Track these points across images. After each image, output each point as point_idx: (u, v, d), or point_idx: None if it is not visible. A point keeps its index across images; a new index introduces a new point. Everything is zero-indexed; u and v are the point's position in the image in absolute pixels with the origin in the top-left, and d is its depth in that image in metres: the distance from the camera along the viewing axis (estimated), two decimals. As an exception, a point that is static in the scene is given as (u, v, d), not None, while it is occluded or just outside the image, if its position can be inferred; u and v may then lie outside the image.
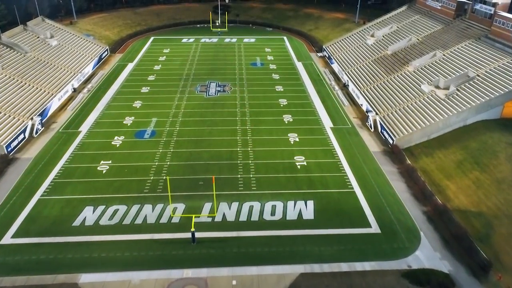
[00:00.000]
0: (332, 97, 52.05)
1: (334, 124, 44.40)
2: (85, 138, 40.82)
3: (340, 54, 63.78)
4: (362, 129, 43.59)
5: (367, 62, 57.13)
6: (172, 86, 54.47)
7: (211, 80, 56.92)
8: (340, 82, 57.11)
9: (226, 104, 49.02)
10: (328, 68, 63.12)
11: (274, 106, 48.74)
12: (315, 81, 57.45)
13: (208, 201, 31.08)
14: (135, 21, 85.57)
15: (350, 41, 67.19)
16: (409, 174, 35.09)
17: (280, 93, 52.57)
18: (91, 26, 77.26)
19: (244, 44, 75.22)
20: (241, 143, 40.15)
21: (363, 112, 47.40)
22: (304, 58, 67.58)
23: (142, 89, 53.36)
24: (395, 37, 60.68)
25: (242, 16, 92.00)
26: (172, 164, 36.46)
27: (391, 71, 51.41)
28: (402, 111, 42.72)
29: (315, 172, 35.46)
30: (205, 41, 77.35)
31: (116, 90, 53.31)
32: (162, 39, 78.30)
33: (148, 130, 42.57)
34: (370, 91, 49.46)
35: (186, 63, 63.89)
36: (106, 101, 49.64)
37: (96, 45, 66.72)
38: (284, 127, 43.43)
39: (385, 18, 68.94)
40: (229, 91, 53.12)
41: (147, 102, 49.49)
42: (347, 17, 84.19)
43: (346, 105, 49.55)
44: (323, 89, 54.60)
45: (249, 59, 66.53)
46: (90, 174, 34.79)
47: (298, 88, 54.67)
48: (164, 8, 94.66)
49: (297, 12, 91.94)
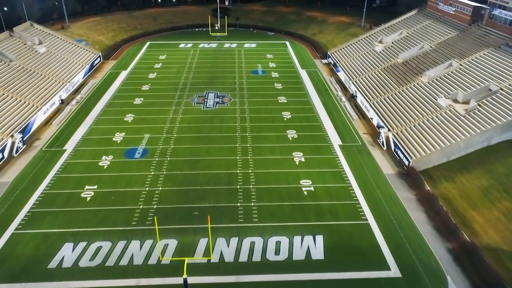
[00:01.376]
0: (339, 109, 48.36)
1: (343, 141, 40.72)
2: (70, 158, 37.16)
3: (346, 62, 60.08)
4: (374, 147, 39.90)
5: (376, 71, 53.43)
6: (167, 97, 50.82)
7: (209, 90, 53.27)
8: (347, 93, 53.41)
9: (225, 118, 45.35)
10: (334, 76, 59.42)
11: (277, 119, 45.07)
12: (321, 91, 53.76)
13: (204, 236, 27.41)
14: (130, 25, 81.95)
15: (356, 47, 63.50)
16: (429, 202, 31.39)
17: (283, 105, 48.90)
18: (84, 30, 73.62)
19: (244, 50, 71.55)
20: (241, 164, 36.49)
21: (374, 127, 43.71)
22: (308, 65, 63.90)
23: (135, 100, 49.69)
24: (405, 44, 56.97)
25: (242, 19, 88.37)
26: (164, 189, 32.77)
27: (403, 82, 47.71)
28: (418, 127, 39.02)
29: (324, 199, 31.78)
30: (204, 46, 73.68)
31: (107, 101, 49.66)
32: (159, 44, 74.63)
33: (140, 148, 38.91)
34: (381, 104, 45.76)
35: (183, 71, 60.24)
36: (95, 114, 45.98)
37: (88, 51, 63.08)
38: (288, 145, 39.76)
39: (394, 23, 65.23)
40: (229, 103, 49.45)
41: (139, 115, 45.83)
42: (352, 20, 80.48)
43: (354, 119, 45.85)
44: (329, 100, 50.92)
45: (249, 66, 62.87)
46: (73, 202, 31.11)
47: (303, 99, 50.99)
48: (161, 11, 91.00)
49: (300, 16, 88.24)
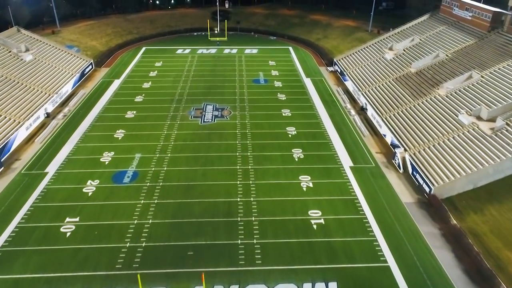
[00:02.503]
0: (349, 124, 44.51)
1: (354, 162, 36.87)
2: (52, 183, 33.33)
3: (354, 70, 56.23)
4: (389, 170, 36.05)
5: (387, 81, 49.58)
6: (162, 110, 47.00)
7: (207, 101, 49.43)
8: (356, 105, 49.53)
9: (225, 135, 41.53)
10: (341, 86, 55.55)
11: (281, 136, 41.25)
12: (327, 102, 49.91)
13: (199, 284, 23.58)
14: (126, 29, 78.14)
15: (364, 54, 59.65)
16: (456, 239, 27.56)
17: (287, 119, 45.06)
18: (76, 35, 69.81)
19: (245, 56, 67.71)
20: (242, 189, 32.66)
21: (387, 145, 39.87)
22: (313, 74, 60.05)
23: (127, 114, 45.86)
24: (418, 51, 53.09)
25: (243, 23, 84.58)
26: (155, 223, 28.93)
27: (418, 94, 43.85)
28: (438, 148, 35.16)
29: (336, 234, 27.94)
30: (202, 52, 69.84)
31: (97, 114, 45.82)
32: (155, 50, 70.82)
33: (130, 171, 35.09)
34: (394, 119, 41.91)
35: (180, 80, 56.42)
36: (83, 130, 42.16)
37: (78, 58, 59.26)
38: (294, 167, 35.93)
39: (404, 28, 61.36)
40: (228, 116, 45.62)
41: (131, 131, 42.01)
42: (359, 24, 76.63)
43: (365, 136, 41.99)
44: (337, 113, 47.07)
45: (251, 74, 59.05)
46: (50, 239, 27.28)
47: (308, 112, 47.14)
48: (158, 14, 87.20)
49: (303, 19, 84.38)
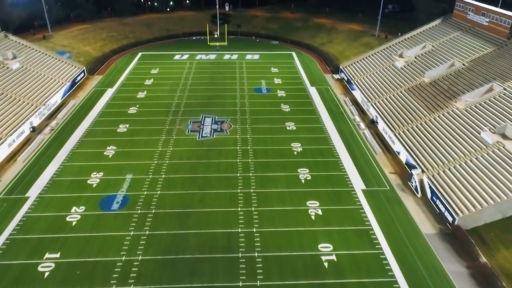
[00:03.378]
0: (358, 139, 41.19)
1: (367, 185, 33.54)
2: (32, 210, 30.04)
3: (362, 79, 52.93)
4: (405, 194, 32.72)
5: (399, 91, 46.26)
6: (157, 123, 43.70)
7: (206, 113, 46.12)
8: (366, 117, 46.19)
9: (224, 152, 38.24)
10: (348, 95, 52.21)
11: (286, 154, 37.96)
12: (334, 114, 46.59)
13: None
14: (121, 33, 74.85)
15: (373, 61, 56.35)
16: (487, 280, 24.20)
17: (292, 134, 41.76)
18: (68, 40, 66.53)
19: (246, 62, 64.41)
20: (244, 218, 29.36)
21: (401, 164, 36.56)
22: (318, 82, 56.73)
23: (119, 128, 42.58)
24: (431, 59, 49.76)
25: (244, 26, 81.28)
26: (145, 259, 25.61)
27: (434, 108, 40.53)
28: (459, 170, 31.84)
29: (350, 274, 24.62)
30: (201, 58, 66.55)
31: (87, 128, 42.54)
32: (151, 56, 67.54)
33: (119, 195, 31.78)
34: (408, 135, 38.60)
35: (177, 89, 53.12)
36: (70, 147, 38.87)
37: (70, 65, 55.97)
38: (301, 190, 32.63)
39: (414, 34, 58.07)
40: (228, 131, 42.32)
41: (123, 147, 38.73)
42: (365, 29, 73.35)
43: (378, 153, 38.66)
44: (346, 127, 43.75)
45: (252, 82, 55.75)
46: (26, 280, 23.96)
47: (315, 125, 43.83)
48: (155, 18, 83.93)
49: (307, 23, 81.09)
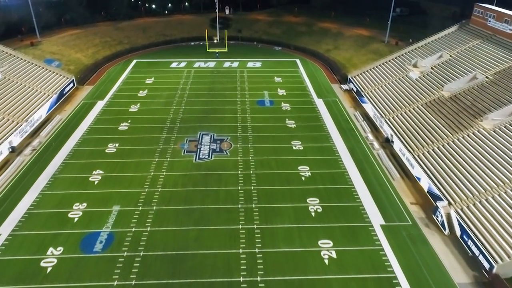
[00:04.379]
0: (373, 161, 37.14)
1: (386, 219, 29.48)
2: (2, 252, 25.91)
3: (373, 91, 48.89)
4: (430, 230, 28.65)
5: (416, 106, 42.21)
6: (150, 142, 39.67)
7: (204, 130, 42.10)
8: (379, 135, 42.12)
9: (224, 177, 34.19)
10: (359, 109, 48.11)
11: (292, 179, 33.93)
12: (345, 131, 42.53)
13: None
14: (115, 39, 70.83)
15: (384, 71, 52.31)
16: None
17: (299, 154, 37.74)
18: (58, 47, 62.48)
19: (248, 71, 60.39)
20: (246, 262, 25.33)
21: (423, 192, 32.51)
22: (325, 93, 52.68)
23: (108, 147, 38.56)
24: (449, 70, 45.70)
25: (245, 31, 77.24)
26: (130, 320, 21.67)
27: (457, 127, 36.47)
28: (493, 204, 27.80)
29: None
30: (200, 66, 62.55)
31: (72, 148, 38.50)
32: (146, 63, 63.51)
33: (104, 232, 27.75)
34: (430, 158, 34.54)
35: (173, 102, 49.08)
36: (52, 170, 34.83)
37: (58, 75, 51.94)
38: (311, 226, 28.58)
39: (429, 41, 54.02)
40: (228, 151, 38.29)
41: (111, 171, 34.71)
42: (373, 34, 69.31)
43: (395, 178, 34.62)
44: (358, 146, 39.69)
45: (254, 94, 51.72)
46: None
47: (324, 144, 39.78)
48: (151, 22, 79.89)
49: (311, 27, 77.06)
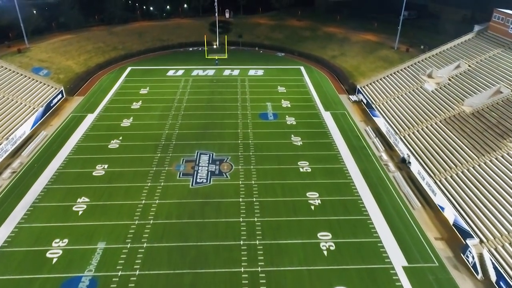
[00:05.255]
0: (389, 186, 33.47)
1: (409, 259, 25.80)
2: (-34, 303, 22.49)
3: (385, 103, 45.26)
4: (460, 273, 24.97)
5: (434, 122, 38.56)
6: (142, 162, 36.02)
7: (202, 149, 38.46)
8: (394, 154, 38.44)
9: (224, 205, 30.54)
10: (370, 123, 44.40)
11: (301, 209, 30.27)
12: (356, 150, 38.87)
13: None
14: (109, 44, 67.19)
15: (396, 81, 48.67)
16: None
17: (307, 177, 34.07)
18: (48, 54, 58.81)
19: (249, 79, 56.76)
20: (250, 317, 21.76)
21: (448, 224, 28.84)
22: (332, 105, 49.00)
23: (95, 169, 34.91)
24: (469, 82, 42.05)
25: (246, 36, 73.60)
26: None
27: (484, 148, 32.80)
28: (533, 243, 24.21)
29: None
30: (198, 73, 58.95)
31: (56, 170, 34.85)
32: (142, 71, 59.88)
33: (85, 277, 24.09)
34: (453, 184, 30.89)
35: (169, 115, 45.45)
36: (32, 198, 31.18)
37: (46, 86, 48.32)
38: (324, 268, 24.93)
39: (444, 49, 50.37)
40: (229, 173, 34.65)
41: (97, 199, 31.06)
42: (382, 39, 65.64)
43: (416, 207, 30.97)
44: (371, 167, 36.01)
45: (257, 106, 48.06)
46: None
47: (334, 165, 36.12)
48: (148, 26, 76.19)
49: (315, 32, 73.38)
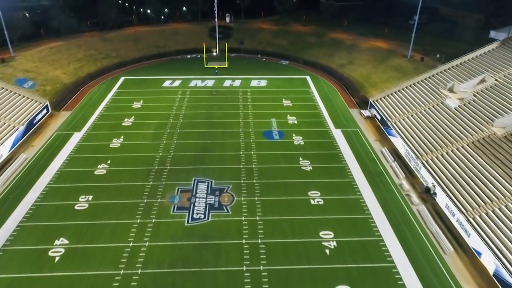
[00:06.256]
0: (413, 223, 29.13)
1: (445, 323, 21.66)
2: None
3: (402, 120, 40.98)
4: None
5: (460, 146, 34.25)
6: (132, 193, 31.66)
7: (199, 175, 34.17)
8: (415, 180, 34.10)
9: (224, 250, 26.20)
10: (386, 144, 40.05)
11: (314, 254, 25.95)
12: (373, 176, 34.53)
13: None
14: (102, 52, 62.92)
15: (412, 95, 44.39)
16: None
17: (319, 212, 29.73)
18: (34, 63, 54.50)
19: (251, 91, 52.49)
20: None
21: (487, 273, 24.53)
22: (343, 121, 44.67)
23: (78, 202, 30.59)
24: (498, 100, 37.69)
25: (247, 42, 69.23)
26: None
27: (523, 180, 28.59)
28: None
29: None
30: (196, 84, 54.72)
31: (34, 203, 30.55)
32: (136, 82, 55.61)
33: None
34: (491, 224, 26.60)
35: (164, 134, 41.19)
36: (2, 239, 26.88)
37: (29, 100, 44.09)
38: (344, 335, 20.78)
39: (465, 60, 46.10)
40: (229, 207, 30.36)
41: (77, 241, 26.73)
42: (393, 47, 61.37)
43: (448, 252, 26.66)
44: (392, 198, 31.69)
45: (260, 123, 43.78)
46: None
47: (349, 196, 31.79)
48: (143, 32, 71.91)
49: (321, 38, 69.09)
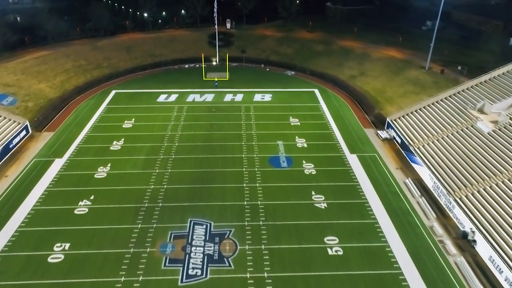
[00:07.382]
0: (453, 280, 24.25)
1: None
2: None
3: (427, 145, 36.14)
4: None
5: (500, 180, 29.32)
6: (116, 241, 26.79)
7: (196, 215, 29.33)
8: (448, 222, 29.22)
9: (225, 322, 21.54)
10: (409, 173, 35.08)
11: (334, 326, 21.26)
12: (398, 216, 29.69)
13: None
14: (92, 62, 58.10)
15: (437, 115, 39.53)
16: None
17: (339, 267, 24.92)
18: (16, 76, 49.60)
19: (254, 107, 47.63)
20: None
21: None
22: (359, 144, 39.78)
23: (53, 252, 25.75)
24: (539, 123, 33.03)
25: (250, 50, 64.39)
26: None
27: None
28: None
29: None
30: (194, 99, 49.90)
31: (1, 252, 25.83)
32: (128, 96, 50.77)
33: None
34: (550, 287, 21.86)
35: (156, 160, 36.37)
36: (-44, 305, 22.30)
37: (6, 120, 39.30)
38: None
39: (495, 75, 41.23)
40: (231, 259, 25.53)
41: (48, 307, 22.05)
42: (408, 56, 56.57)
43: (498, 323, 21.94)
44: (422, 246, 26.80)
45: (265, 146, 38.97)
46: None
47: (372, 244, 26.93)
48: (138, 39, 67.01)
49: (329, 46, 64.22)
